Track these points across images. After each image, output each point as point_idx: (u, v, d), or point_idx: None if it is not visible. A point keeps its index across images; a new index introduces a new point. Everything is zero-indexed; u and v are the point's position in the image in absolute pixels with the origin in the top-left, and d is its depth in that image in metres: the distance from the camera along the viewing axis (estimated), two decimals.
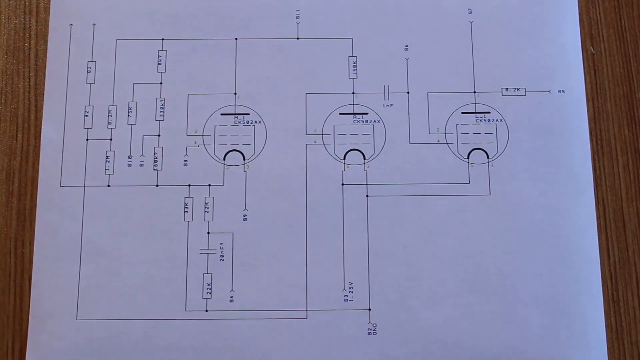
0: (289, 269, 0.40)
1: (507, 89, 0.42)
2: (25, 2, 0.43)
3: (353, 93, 0.42)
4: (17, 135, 0.41)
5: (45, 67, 0.42)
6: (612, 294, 0.40)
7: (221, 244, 0.40)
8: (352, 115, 0.42)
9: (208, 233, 0.40)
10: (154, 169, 0.41)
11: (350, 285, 0.40)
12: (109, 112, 0.42)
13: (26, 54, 0.42)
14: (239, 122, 0.42)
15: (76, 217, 0.40)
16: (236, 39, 0.43)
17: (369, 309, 0.40)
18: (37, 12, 0.43)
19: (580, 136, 0.42)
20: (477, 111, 0.42)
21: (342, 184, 0.41)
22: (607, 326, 0.39)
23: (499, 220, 0.40)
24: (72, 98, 0.42)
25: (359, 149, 0.41)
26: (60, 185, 0.41)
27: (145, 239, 0.40)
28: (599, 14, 0.43)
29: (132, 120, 0.42)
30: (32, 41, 0.43)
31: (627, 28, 0.43)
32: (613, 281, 0.40)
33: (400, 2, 0.43)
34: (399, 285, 0.40)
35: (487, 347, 0.39)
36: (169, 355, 0.39)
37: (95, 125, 0.42)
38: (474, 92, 0.42)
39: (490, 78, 0.42)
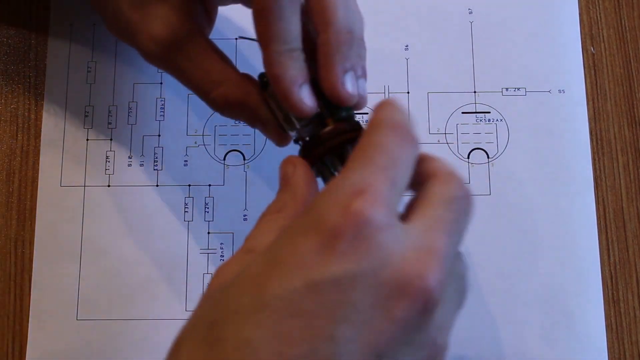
0: None
1: (507, 89, 0.42)
2: (25, 2, 0.43)
3: None
4: (17, 135, 0.41)
5: (45, 67, 0.42)
6: (612, 294, 0.40)
7: (221, 244, 0.40)
8: None
9: (208, 233, 0.40)
10: (154, 169, 0.41)
11: None
12: (109, 112, 0.42)
13: (26, 54, 0.42)
14: (239, 122, 0.42)
15: (76, 217, 0.40)
16: (236, 38, 0.43)
17: None
18: (37, 12, 0.43)
19: (580, 136, 0.42)
20: (477, 111, 0.42)
21: None
22: (607, 326, 0.39)
23: (499, 220, 0.40)
24: (72, 98, 0.42)
25: None
26: (60, 185, 0.41)
27: (145, 239, 0.40)
28: (599, 14, 0.43)
29: (132, 120, 0.42)
30: (32, 41, 0.43)
31: (627, 28, 0.43)
32: (613, 281, 0.40)
33: (400, 2, 0.43)
34: None
35: (487, 347, 0.39)
36: None
37: (95, 125, 0.42)
38: (474, 92, 0.42)
39: (490, 78, 0.42)
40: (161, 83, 0.42)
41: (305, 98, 0.31)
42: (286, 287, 0.24)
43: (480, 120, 0.42)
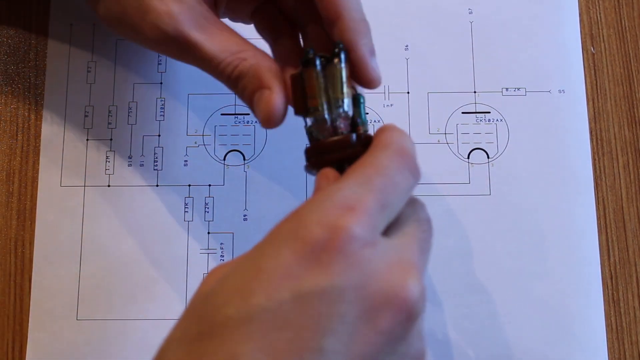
0: None
1: (507, 89, 0.42)
2: (25, 2, 0.43)
3: None
4: (17, 135, 0.41)
5: (45, 67, 0.42)
6: (612, 294, 0.40)
7: (221, 244, 0.40)
8: None
9: (208, 233, 0.40)
10: (154, 169, 0.41)
11: None
12: (109, 112, 0.42)
13: (26, 54, 0.42)
14: (239, 122, 0.42)
15: (76, 217, 0.40)
16: None
17: None
18: (37, 12, 0.43)
19: (580, 136, 0.42)
20: (477, 111, 0.42)
21: None
22: (607, 326, 0.39)
23: (499, 220, 0.40)
24: (72, 98, 0.42)
25: None
26: (60, 185, 0.41)
27: (145, 238, 0.40)
28: (599, 14, 0.43)
29: (132, 120, 0.42)
30: (32, 41, 0.43)
31: (627, 28, 0.43)
32: (613, 281, 0.40)
33: (400, 2, 0.43)
34: None
35: (487, 347, 0.39)
36: None
37: (95, 125, 0.42)
38: (474, 92, 0.42)
39: (490, 78, 0.42)
40: (161, 83, 0.42)
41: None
42: (273, 299, 0.24)
43: (480, 120, 0.42)
